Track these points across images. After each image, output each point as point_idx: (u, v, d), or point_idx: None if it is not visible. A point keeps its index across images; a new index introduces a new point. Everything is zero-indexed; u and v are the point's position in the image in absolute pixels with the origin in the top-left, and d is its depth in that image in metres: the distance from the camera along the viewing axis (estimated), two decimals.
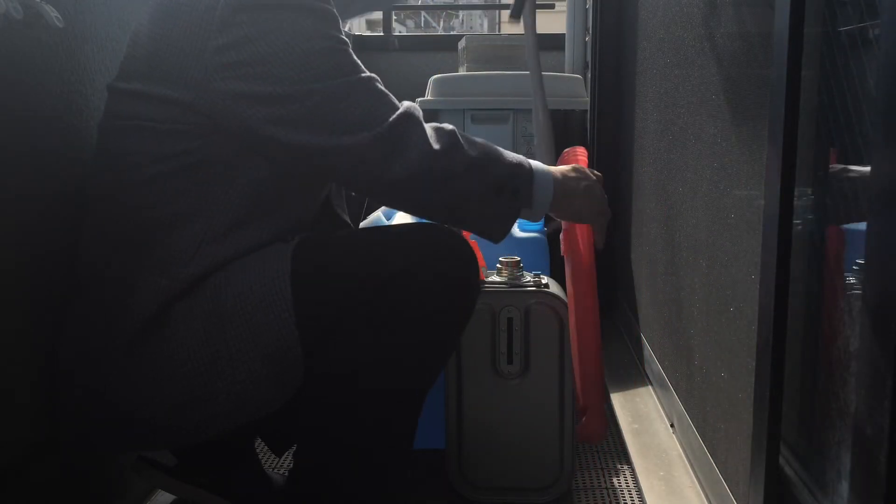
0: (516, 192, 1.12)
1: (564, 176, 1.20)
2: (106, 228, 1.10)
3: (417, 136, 1.06)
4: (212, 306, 1.04)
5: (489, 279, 1.41)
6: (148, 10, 1.08)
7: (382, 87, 1.10)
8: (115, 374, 1.05)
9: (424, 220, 1.16)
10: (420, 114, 1.10)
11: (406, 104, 1.09)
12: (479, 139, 1.14)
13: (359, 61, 1.08)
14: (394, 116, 1.06)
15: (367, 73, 1.08)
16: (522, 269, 1.42)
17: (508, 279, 1.40)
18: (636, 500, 1.43)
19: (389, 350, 1.06)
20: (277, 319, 1.03)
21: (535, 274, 1.43)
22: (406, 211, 1.23)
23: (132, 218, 1.07)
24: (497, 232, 1.15)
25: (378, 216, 1.96)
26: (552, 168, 1.20)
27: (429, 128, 1.09)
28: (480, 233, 1.16)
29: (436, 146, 1.07)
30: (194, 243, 1.06)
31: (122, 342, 1.04)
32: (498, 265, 1.42)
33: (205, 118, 1.04)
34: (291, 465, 1.19)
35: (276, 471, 1.48)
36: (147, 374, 1.04)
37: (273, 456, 1.54)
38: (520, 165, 1.14)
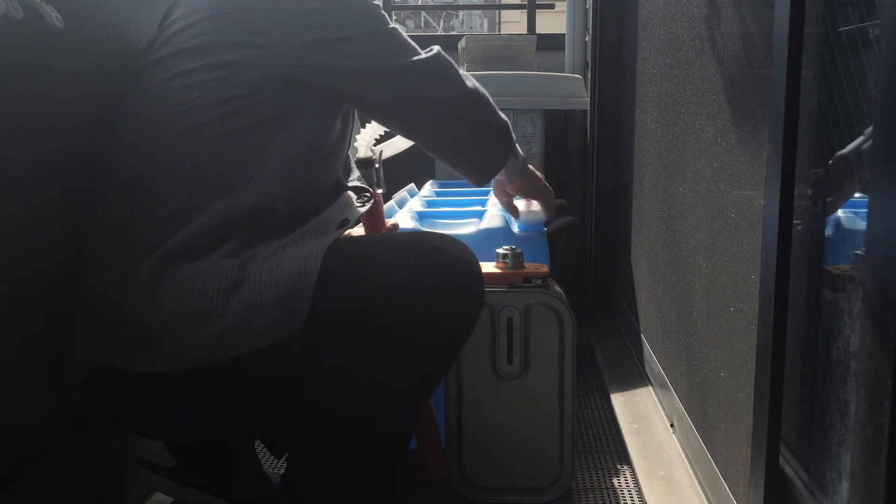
0: (510, 139, 1.33)
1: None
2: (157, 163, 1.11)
3: (455, 67, 1.26)
4: (250, 255, 1.06)
5: (487, 270, 1.39)
6: None
7: None
8: (140, 284, 1.04)
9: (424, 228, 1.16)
10: None
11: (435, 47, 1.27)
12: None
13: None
14: (436, 49, 1.24)
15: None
16: (523, 258, 1.41)
17: (512, 265, 1.39)
18: (636, 500, 1.43)
19: (388, 355, 1.05)
20: (303, 287, 1.03)
21: (535, 265, 1.42)
22: (430, 137, 1.31)
23: (194, 156, 1.10)
24: (489, 170, 1.35)
25: (403, 195, 1.94)
26: None
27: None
28: (476, 168, 1.33)
29: (467, 81, 1.27)
30: (260, 174, 1.11)
31: (154, 259, 1.04)
32: (500, 251, 1.41)
33: (274, 68, 1.12)
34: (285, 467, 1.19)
35: (275, 472, 1.48)
36: (170, 283, 1.04)
37: (273, 457, 1.54)
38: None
